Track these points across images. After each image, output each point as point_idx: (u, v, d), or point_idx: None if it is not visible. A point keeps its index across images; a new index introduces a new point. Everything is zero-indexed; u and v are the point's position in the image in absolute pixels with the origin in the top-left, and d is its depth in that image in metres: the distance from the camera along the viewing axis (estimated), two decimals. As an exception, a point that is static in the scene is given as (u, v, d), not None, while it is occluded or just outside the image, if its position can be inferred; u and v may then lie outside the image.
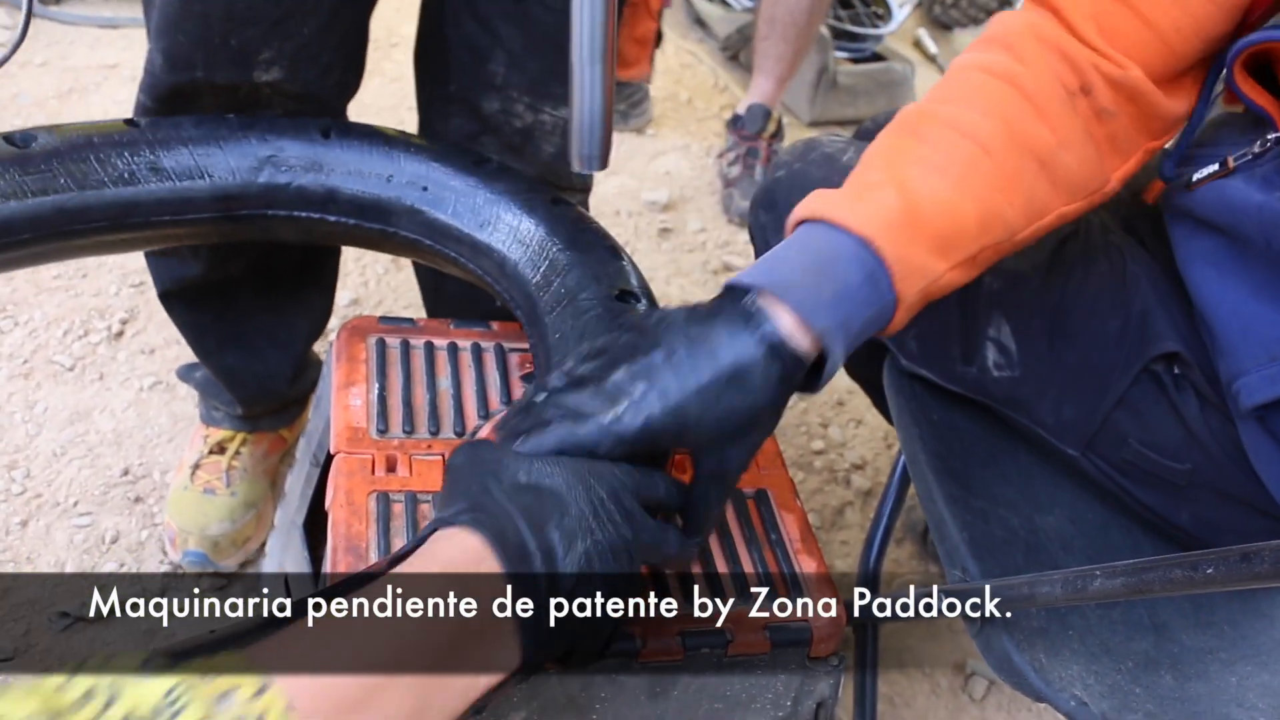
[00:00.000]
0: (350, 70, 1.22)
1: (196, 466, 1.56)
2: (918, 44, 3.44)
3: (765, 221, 1.24)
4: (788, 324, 0.74)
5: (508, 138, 1.24)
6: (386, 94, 2.68)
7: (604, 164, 0.88)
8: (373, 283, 2.08)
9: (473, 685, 0.61)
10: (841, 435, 1.95)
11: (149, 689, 0.46)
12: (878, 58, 3.02)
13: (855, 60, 2.98)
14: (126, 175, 1.01)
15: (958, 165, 0.82)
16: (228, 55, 1.09)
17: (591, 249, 1.06)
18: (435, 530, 0.66)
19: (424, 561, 0.63)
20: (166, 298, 1.40)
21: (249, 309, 1.43)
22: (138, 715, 0.45)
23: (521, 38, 1.18)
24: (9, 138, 0.97)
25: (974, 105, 0.86)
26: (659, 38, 2.53)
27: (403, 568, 0.63)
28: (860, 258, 0.76)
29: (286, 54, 1.11)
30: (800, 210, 0.81)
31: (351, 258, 2.11)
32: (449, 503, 0.69)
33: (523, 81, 1.21)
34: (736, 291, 0.77)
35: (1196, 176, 0.95)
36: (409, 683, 0.56)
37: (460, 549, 0.64)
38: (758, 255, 1.27)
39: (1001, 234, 0.84)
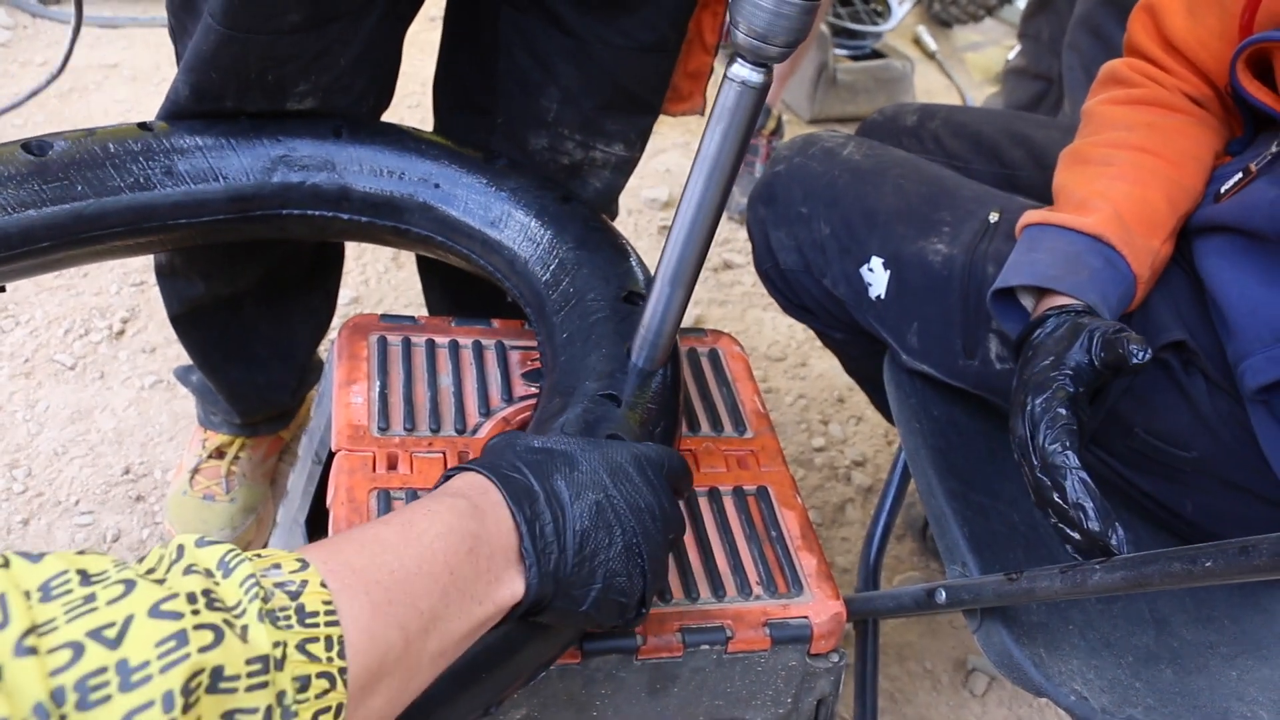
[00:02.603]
0: (384, 94, 1.20)
1: (195, 471, 1.55)
2: (917, 41, 3.44)
3: (764, 215, 1.24)
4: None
5: (552, 174, 1.21)
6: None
7: (658, 367, 0.95)
8: (373, 280, 2.08)
9: (486, 597, 0.66)
10: (842, 432, 1.95)
11: (207, 553, 0.54)
12: (877, 55, 3.02)
13: (855, 57, 2.98)
14: (142, 180, 1.02)
15: (1131, 169, 1.03)
16: (262, 89, 1.07)
17: (600, 248, 1.06)
18: (450, 475, 0.75)
19: (440, 490, 0.72)
20: (178, 320, 1.39)
21: (253, 321, 1.42)
22: (201, 566, 0.52)
23: (578, 76, 1.15)
24: (27, 146, 0.97)
25: (1117, 125, 1.08)
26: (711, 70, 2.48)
27: (423, 498, 0.71)
28: (1097, 249, 0.98)
29: (322, 86, 1.09)
30: (1027, 217, 1.04)
31: (352, 255, 2.11)
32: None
33: (575, 119, 1.18)
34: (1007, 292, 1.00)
35: (1224, 188, 1.01)
36: (431, 581, 0.62)
37: (468, 481, 0.72)
38: (756, 250, 1.27)
39: (1188, 203, 1.03)
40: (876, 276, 1.14)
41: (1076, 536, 0.82)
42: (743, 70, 0.77)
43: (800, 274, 1.22)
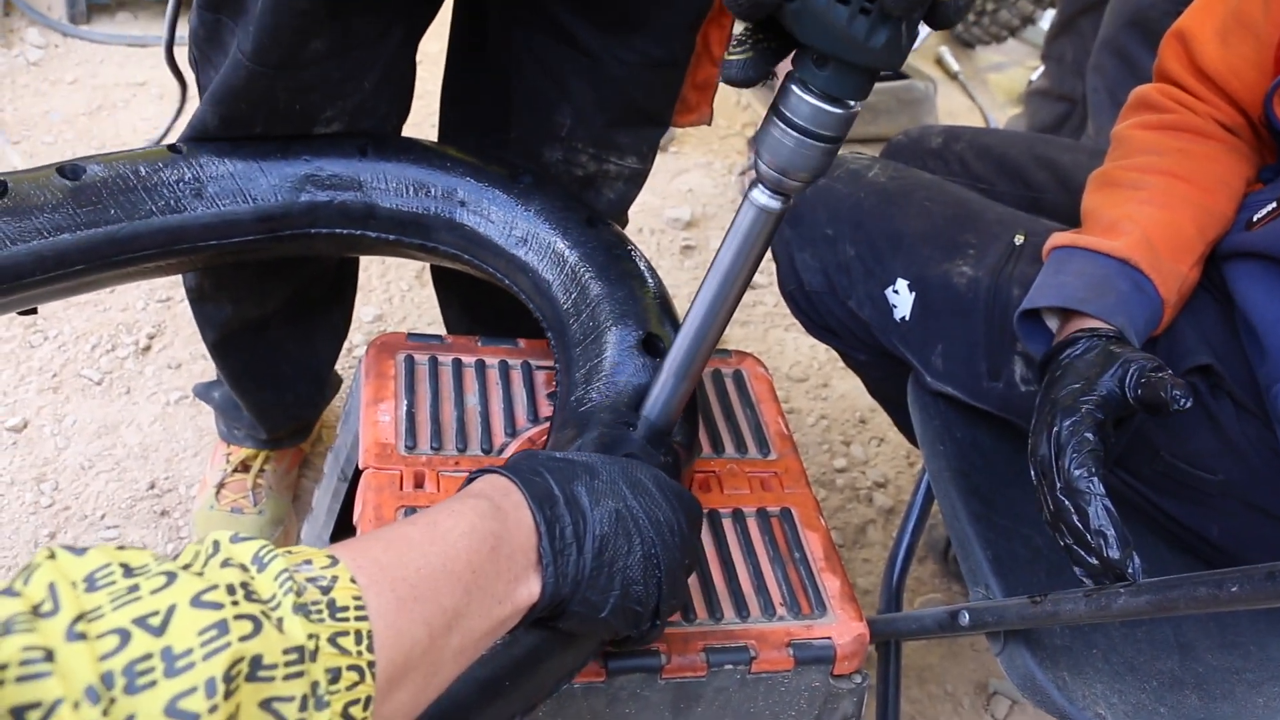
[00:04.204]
0: (403, 110, 1.22)
1: (221, 485, 1.57)
2: (939, 62, 3.45)
3: (789, 236, 1.25)
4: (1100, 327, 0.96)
5: (567, 185, 1.22)
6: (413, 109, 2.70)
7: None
8: (397, 299, 2.09)
9: (506, 597, 0.68)
10: (864, 453, 1.95)
11: (242, 548, 0.55)
12: (900, 75, 3.02)
13: (877, 78, 2.98)
14: (173, 203, 1.03)
15: (1161, 194, 1.03)
16: (291, 117, 1.08)
17: (623, 280, 1.05)
18: (473, 478, 0.77)
19: (464, 491, 0.74)
20: (215, 347, 1.40)
21: (280, 341, 1.43)
22: (236, 561, 0.54)
23: (592, 92, 1.16)
24: (61, 170, 0.99)
25: (1148, 150, 1.08)
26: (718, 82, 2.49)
27: (447, 499, 0.73)
28: (1125, 273, 0.98)
29: (347, 110, 1.11)
30: (1055, 239, 1.04)
31: (376, 274, 2.13)
32: None
33: (589, 134, 1.19)
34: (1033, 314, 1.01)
35: (1256, 216, 1.01)
36: (455, 580, 0.63)
37: (491, 483, 0.74)
38: (780, 271, 1.27)
39: (1218, 229, 1.04)
40: (901, 298, 1.14)
41: (1092, 561, 0.82)
42: (762, 197, 0.78)
43: (825, 295, 1.22)
